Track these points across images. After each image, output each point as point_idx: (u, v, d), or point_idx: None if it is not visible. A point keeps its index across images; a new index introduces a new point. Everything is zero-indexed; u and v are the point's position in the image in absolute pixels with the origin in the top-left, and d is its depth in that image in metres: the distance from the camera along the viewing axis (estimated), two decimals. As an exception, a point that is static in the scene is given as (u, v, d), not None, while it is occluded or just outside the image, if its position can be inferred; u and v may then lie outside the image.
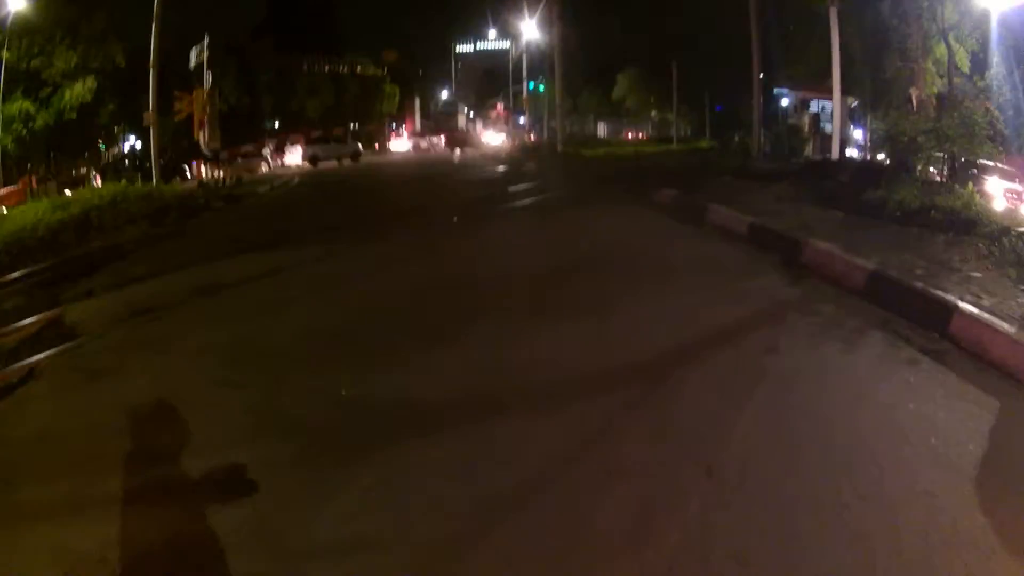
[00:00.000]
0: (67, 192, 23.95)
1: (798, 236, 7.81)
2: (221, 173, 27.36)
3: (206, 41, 27.96)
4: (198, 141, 27.27)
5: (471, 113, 77.81)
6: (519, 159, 32.70)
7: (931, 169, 14.06)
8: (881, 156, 19.84)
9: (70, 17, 25.64)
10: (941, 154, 13.58)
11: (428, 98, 78.31)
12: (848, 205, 10.24)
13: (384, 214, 15.13)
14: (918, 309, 5.37)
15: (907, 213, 8.97)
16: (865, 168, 16.32)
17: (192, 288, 8.11)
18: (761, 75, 28.15)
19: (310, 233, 12.68)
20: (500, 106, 64.70)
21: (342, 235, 12.18)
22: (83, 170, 36.26)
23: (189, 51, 29.39)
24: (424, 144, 56.25)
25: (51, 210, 13.88)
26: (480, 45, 71.30)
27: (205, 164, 27.40)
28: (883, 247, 7.07)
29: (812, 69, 26.36)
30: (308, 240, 11.74)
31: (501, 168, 28.02)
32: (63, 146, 30.47)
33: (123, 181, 21.80)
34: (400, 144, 59.56)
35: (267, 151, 40.14)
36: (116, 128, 32.70)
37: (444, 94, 78.24)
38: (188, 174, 30.08)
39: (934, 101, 17.58)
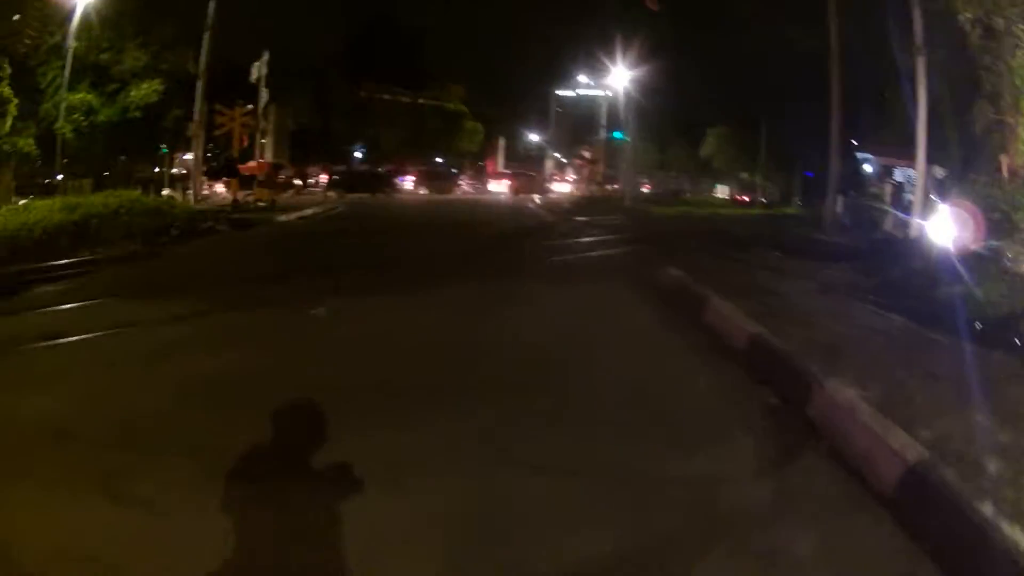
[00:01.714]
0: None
1: (813, 368, 5.06)
2: (244, 194, 27.65)
3: (265, 57, 28.19)
4: (234, 158, 27.51)
5: (562, 158, 77.13)
6: (570, 211, 31.68)
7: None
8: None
9: (143, 17, 26.57)
10: None
11: (517, 139, 78.10)
12: (913, 305, 8.17)
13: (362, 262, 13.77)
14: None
15: (993, 322, 6.92)
16: (944, 251, 13.53)
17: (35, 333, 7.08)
18: (850, 140, 26.19)
19: (290, 275, 11.76)
20: (586, 154, 63.80)
21: (320, 282, 10.74)
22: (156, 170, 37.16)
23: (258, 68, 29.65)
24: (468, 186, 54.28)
25: (57, 211, 13.84)
26: (581, 91, 70.56)
27: (230, 182, 27.15)
28: (952, 394, 4.67)
29: (900, 132, 23.78)
30: (269, 289, 10.43)
31: (540, 219, 27.26)
32: (127, 146, 31.01)
33: (138, 190, 21.69)
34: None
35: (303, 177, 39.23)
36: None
37: (533, 136, 77.68)
38: (207, 190, 29.48)
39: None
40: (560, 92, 76.61)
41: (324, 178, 46.55)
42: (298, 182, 46.07)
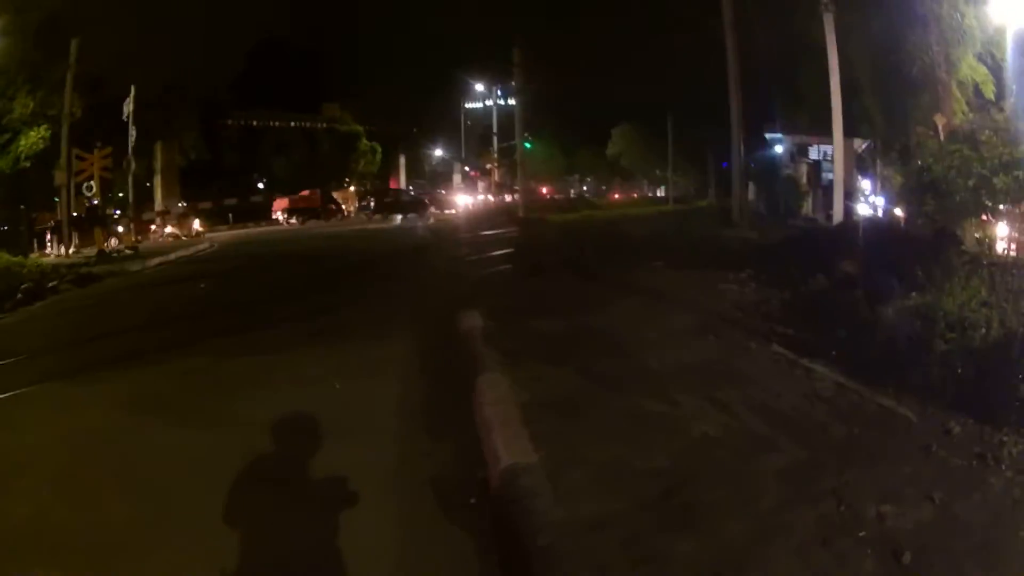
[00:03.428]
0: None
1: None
2: (113, 243, 26.88)
3: (132, 94, 26.68)
4: (95, 205, 25.91)
5: (469, 171, 76.22)
6: (456, 229, 31.05)
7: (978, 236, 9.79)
8: (899, 212, 16.39)
9: (33, 61, 25.11)
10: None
11: (422, 157, 76.76)
12: (848, 339, 5.96)
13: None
14: None
15: (976, 368, 4.74)
16: (886, 238, 10.97)
17: None
18: (759, 123, 25.82)
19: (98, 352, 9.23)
20: (488, 165, 62.85)
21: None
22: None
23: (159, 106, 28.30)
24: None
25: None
26: (488, 102, 70.14)
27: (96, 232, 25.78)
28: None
29: (815, 113, 23.35)
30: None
31: (414, 242, 25.76)
32: (25, 197, 30.13)
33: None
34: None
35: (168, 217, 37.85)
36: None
37: (438, 152, 76.57)
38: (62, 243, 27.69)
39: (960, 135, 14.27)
40: (469, 105, 75.94)
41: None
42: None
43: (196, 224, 38.14)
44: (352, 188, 61.21)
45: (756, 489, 3.75)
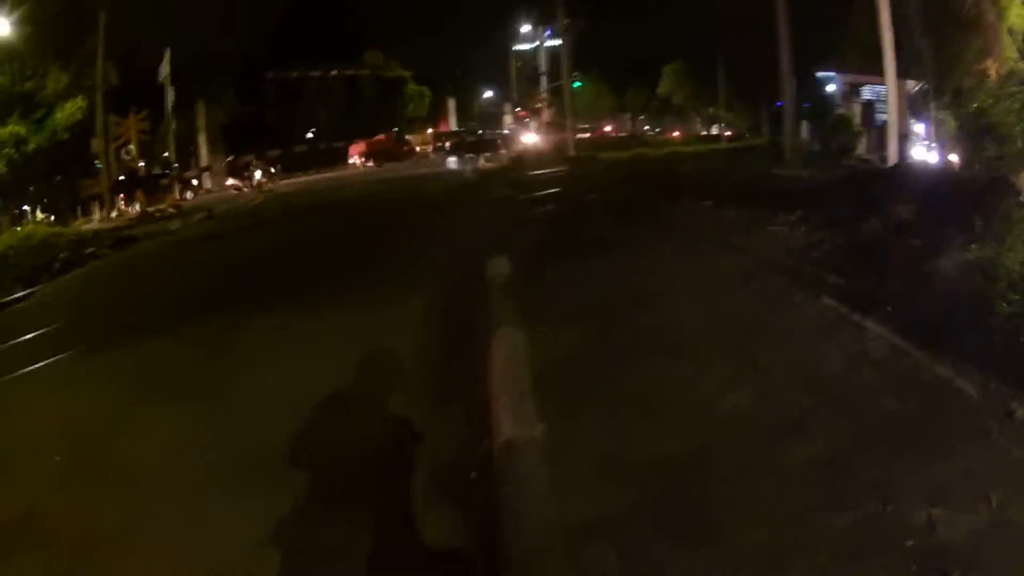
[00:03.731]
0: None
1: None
2: (155, 207, 26.97)
3: (167, 56, 26.85)
4: (135, 170, 26.25)
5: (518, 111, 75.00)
6: (506, 168, 31.00)
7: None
8: (954, 158, 15.26)
9: (61, 35, 25.74)
10: None
11: (472, 100, 75.66)
12: (903, 291, 5.49)
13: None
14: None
15: None
16: (941, 183, 9.92)
17: None
18: (809, 60, 24.40)
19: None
20: (539, 106, 61.45)
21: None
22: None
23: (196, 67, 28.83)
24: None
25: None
26: (538, 43, 68.86)
27: (136, 195, 26.14)
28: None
29: (867, 52, 21.96)
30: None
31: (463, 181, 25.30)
32: (64, 169, 30.67)
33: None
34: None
35: (196, 174, 37.82)
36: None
37: (488, 93, 75.35)
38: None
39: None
40: (518, 48, 74.38)
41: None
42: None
43: (258, 174, 36.25)
44: (429, 131, 62.09)
45: (785, 483, 3.27)
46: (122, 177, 29.22)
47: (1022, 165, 8.80)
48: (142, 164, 30.94)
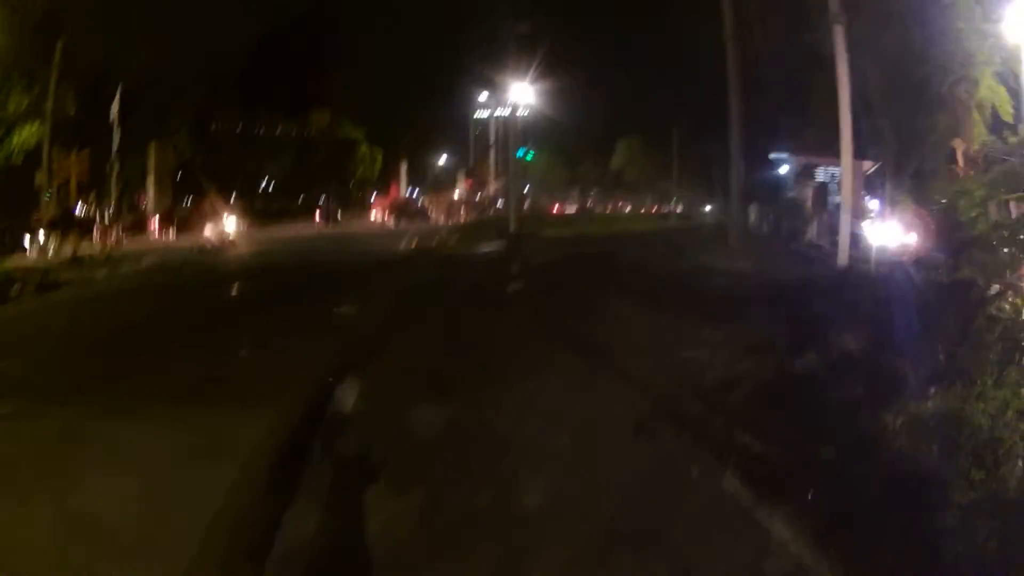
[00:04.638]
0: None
1: None
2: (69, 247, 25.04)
3: (118, 96, 26.43)
4: (72, 207, 25.38)
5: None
6: (442, 242, 30.28)
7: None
8: (911, 239, 15.13)
9: (28, 59, 25.27)
10: None
11: (427, 164, 76.02)
12: (830, 467, 4.39)
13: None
14: None
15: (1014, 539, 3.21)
16: (897, 297, 9.07)
17: None
18: (761, 139, 25.01)
19: None
20: (487, 176, 62.15)
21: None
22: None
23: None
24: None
25: None
26: (497, 112, 70.27)
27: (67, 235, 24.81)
28: None
29: (823, 133, 22.48)
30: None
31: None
32: (13, 197, 28.97)
33: None
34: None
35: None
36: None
37: (443, 159, 75.94)
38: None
39: (981, 162, 13.21)
40: (478, 116, 75.59)
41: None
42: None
43: (228, 226, 30.56)
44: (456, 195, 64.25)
45: None
46: (58, 216, 27.95)
47: (1001, 271, 7.85)
48: (81, 204, 29.86)
